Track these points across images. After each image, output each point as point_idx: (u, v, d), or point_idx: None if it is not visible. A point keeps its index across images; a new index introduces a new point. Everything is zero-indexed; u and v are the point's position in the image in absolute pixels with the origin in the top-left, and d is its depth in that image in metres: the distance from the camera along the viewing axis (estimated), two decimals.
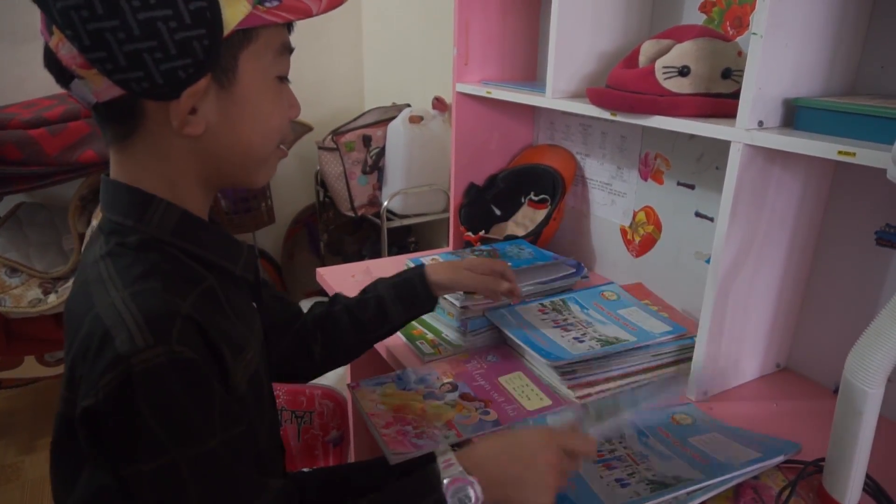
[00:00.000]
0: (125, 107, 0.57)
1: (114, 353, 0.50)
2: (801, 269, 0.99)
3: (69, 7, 0.51)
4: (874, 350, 0.65)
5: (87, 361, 0.52)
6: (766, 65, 0.78)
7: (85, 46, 0.52)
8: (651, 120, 0.95)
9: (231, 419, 0.56)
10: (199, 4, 0.53)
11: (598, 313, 1.13)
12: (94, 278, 0.58)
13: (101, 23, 0.51)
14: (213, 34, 0.55)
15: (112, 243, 0.59)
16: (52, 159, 1.66)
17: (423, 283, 0.96)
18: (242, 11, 0.56)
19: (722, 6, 1.06)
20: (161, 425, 0.51)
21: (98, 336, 0.52)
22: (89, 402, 0.51)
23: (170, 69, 0.54)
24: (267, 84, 0.63)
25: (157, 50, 0.53)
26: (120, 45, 0.52)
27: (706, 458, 0.78)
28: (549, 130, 1.51)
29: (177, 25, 0.53)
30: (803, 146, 0.75)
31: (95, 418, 0.52)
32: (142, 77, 0.54)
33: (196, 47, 0.54)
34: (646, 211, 1.28)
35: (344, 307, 0.95)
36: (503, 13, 1.40)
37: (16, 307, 1.73)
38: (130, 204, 0.60)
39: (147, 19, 0.52)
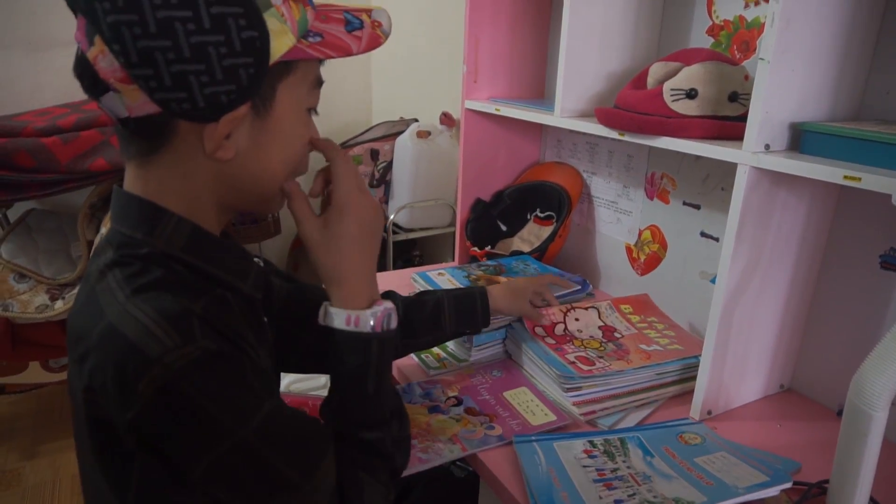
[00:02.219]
0: (157, 124, 0.57)
1: (143, 358, 0.51)
2: (805, 290, 0.99)
3: (122, 22, 0.51)
4: (878, 373, 0.65)
5: (111, 370, 0.52)
6: (773, 89, 0.79)
7: (132, 63, 0.52)
8: (658, 141, 0.96)
9: (270, 384, 0.59)
10: (251, 34, 0.54)
11: (666, 463, 0.83)
12: (102, 288, 0.58)
13: (153, 41, 0.51)
14: (259, 63, 0.56)
15: (120, 254, 0.60)
16: (64, 167, 1.67)
17: (484, 302, 0.99)
18: (287, 44, 0.58)
19: (729, 30, 1.08)
20: (211, 414, 0.52)
21: (118, 343, 0.52)
22: (132, 411, 0.52)
23: (213, 93, 0.54)
24: (298, 115, 0.65)
25: (203, 73, 0.53)
26: (168, 65, 0.52)
27: (711, 480, 0.78)
28: (556, 148, 1.52)
29: (227, 51, 0.53)
30: (809, 170, 0.76)
31: (143, 425, 0.52)
32: (184, 98, 0.54)
33: (242, 75, 0.55)
34: (651, 230, 1.29)
35: (401, 305, 0.95)
36: (512, 31, 1.42)
37: (23, 313, 1.74)
38: (141, 217, 0.60)
39: (199, 43, 0.52)
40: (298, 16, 0.59)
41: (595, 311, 1.15)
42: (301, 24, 0.59)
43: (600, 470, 0.82)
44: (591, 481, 0.79)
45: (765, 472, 0.78)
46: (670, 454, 0.85)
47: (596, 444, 0.87)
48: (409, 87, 2.46)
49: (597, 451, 0.86)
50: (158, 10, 0.51)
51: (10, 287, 1.78)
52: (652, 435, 0.90)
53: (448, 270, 1.36)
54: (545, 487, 0.78)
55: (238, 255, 0.67)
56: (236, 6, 0.53)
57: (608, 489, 0.78)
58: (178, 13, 0.51)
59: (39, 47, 2.03)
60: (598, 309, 1.15)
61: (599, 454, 0.85)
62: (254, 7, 0.54)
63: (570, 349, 1.04)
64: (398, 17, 0.74)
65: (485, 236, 1.50)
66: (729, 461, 0.82)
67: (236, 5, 0.53)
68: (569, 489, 0.77)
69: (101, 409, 0.54)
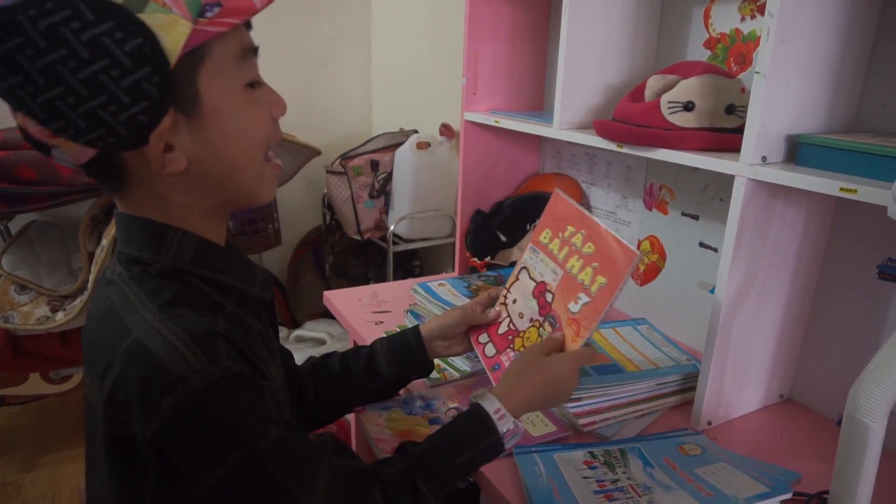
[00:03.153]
0: (106, 162, 0.57)
1: (169, 376, 0.52)
2: (804, 300, 1.00)
3: (13, 86, 0.50)
4: (877, 384, 0.66)
5: (135, 386, 0.53)
6: (769, 102, 0.80)
7: (42, 119, 0.51)
8: (656, 152, 0.97)
9: (283, 405, 0.61)
10: (135, 42, 0.50)
11: (666, 474, 0.84)
12: (123, 304, 0.59)
13: (48, 93, 0.49)
14: (160, 69, 0.52)
15: (135, 270, 0.61)
16: (66, 179, 1.68)
17: (416, 335, 0.94)
18: (184, 32, 0.52)
19: (726, 43, 1.09)
20: (228, 430, 0.55)
21: (145, 360, 0.53)
22: (154, 427, 0.53)
23: (129, 118, 0.52)
24: (236, 97, 0.60)
25: (109, 103, 0.51)
26: (73, 109, 0.50)
27: (711, 491, 0.79)
28: (556, 159, 1.53)
29: (119, 73, 0.50)
30: (805, 182, 0.77)
31: (161, 441, 0.54)
32: (105, 133, 0.52)
33: (148, 88, 0.52)
34: (650, 240, 1.30)
35: (339, 356, 0.95)
36: (512, 44, 1.43)
37: (23, 324, 1.74)
38: (146, 237, 0.60)
39: (88, 76, 0.49)
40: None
41: (525, 272, 0.94)
42: (190, 3, 0.53)
43: (601, 481, 0.82)
44: (592, 492, 0.79)
45: (765, 483, 0.78)
46: (670, 465, 0.85)
47: (596, 455, 0.88)
48: (409, 98, 2.48)
49: (597, 462, 0.86)
50: (36, 61, 0.48)
51: (11, 299, 1.78)
52: (652, 446, 0.90)
53: (448, 281, 1.36)
54: (546, 499, 0.78)
55: (243, 261, 0.69)
56: (105, 22, 0.49)
57: (609, 501, 0.78)
58: (54, 56, 0.48)
59: None
60: (527, 266, 0.94)
61: (600, 465, 0.85)
62: (125, 13, 0.49)
63: (511, 354, 0.90)
64: (399, 30, 0.74)
65: (484, 247, 1.51)
66: (729, 472, 0.82)
67: (105, 21, 0.49)
68: (569, 500, 0.78)
69: (122, 424, 0.55)
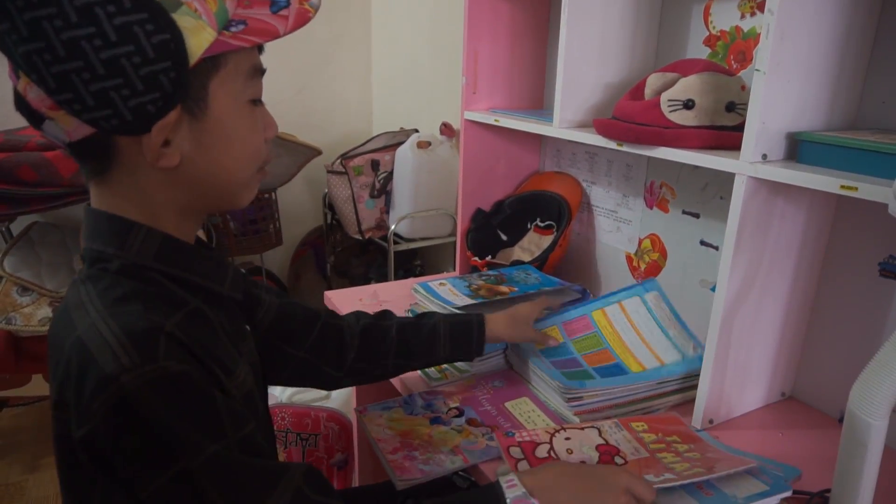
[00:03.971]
0: (98, 144, 0.57)
1: (101, 375, 0.51)
2: (805, 298, 1.00)
3: (31, 52, 0.50)
4: (878, 382, 0.65)
5: (73, 385, 0.53)
6: (769, 100, 0.80)
7: (51, 89, 0.52)
8: (656, 151, 0.97)
9: (241, 418, 0.57)
10: (162, 37, 0.52)
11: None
12: (75, 302, 0.58)
13: (65, 64, 0.51)
14: (179, 66, 0.54)
15: (93, 269, 0.60)
16: (67, 181, 1.69)
17: (480, 332, 0.97)
18: (207, 39, 0.55)
19: (726, 40, 1.09)
20: (164, 437, 0.51)
21: (82, 358, 0.52)
22: (85, 428, 0.51)
23: (138, 105, 0.53)
24: (240, 109, 0.62)
25: (123, 87, 0.52)
26: (86, 85, 0.52)
27: (710, 490, 0.79)
28: (556, 158, 1.53)
29: (141, 60, 0.52)
30: (806, 180, 0.77)
31: (95, 443, 0.52)
32: (110, 115, 0.53)
33: (163, 80, 0.54)
34: (651, 238, 1.30)
35: (397, 325, 0.95)
36: (511, 43, 1.43)
37: (26, 325, 1.75)
38: (111, 232, 0.60)
39: (110, 57, 0.51)
40: (215, 7, 0.56)
41: (595, 430, 0.90)
42: (219, 15, 0.56)
43: None
44: None
45: (765, 481, 0.78)
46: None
47: None
48: (409, 97, 2.48)
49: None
50: (62, 33, 0.50)
51: (13, 300, 1.79)
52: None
53: (449, 280, 1.36)
54: None
55: (214, 260, 0.67)
56: (140, 12, 0.51)
57: None
58: (82, 31, 0.50)
59: None
60: (600, 428, 0.91)
61: None
62: (159, 9, 0.52)
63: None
64: (398, 29, 0.74)
65: (485, 246, 1.51)
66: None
67: (140, 11, 0.51)
68: None
69: (66, 424, 0.54)
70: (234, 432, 0.56)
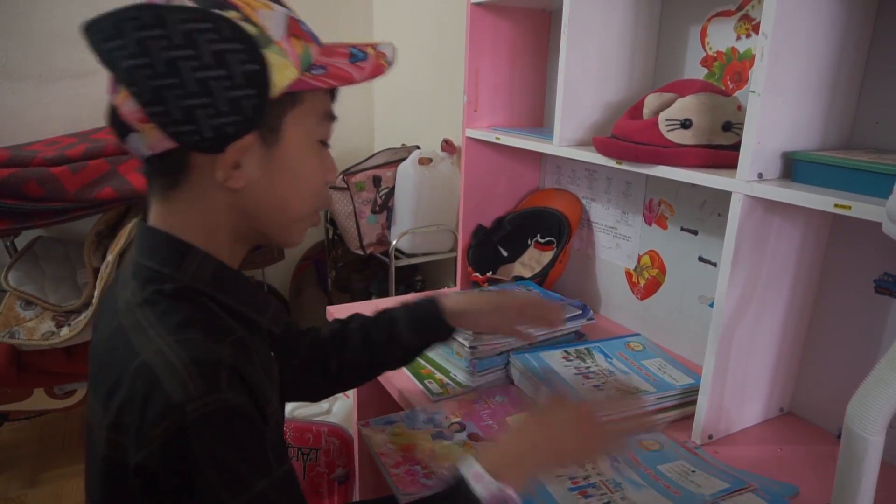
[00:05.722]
0: (175, 159, 0.61)
1: (167, 402, 0.52)
2: (802, 315, 1.01)
3: (135, 66, 0.56)
4: (874, 398, 0.66)
5: (136, 409, 0.53)
6: (765, 120, 0.82)
7: (146, 101, 0.57)
8: (655, 169, 0.98)
9: (282, 455, 0.59)
10: (252, 67, 0.58)
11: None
12: (132, 325, 0.59)
13: (162, 80, 0.56)
14: (261, 94, 0.59)
15: (148, 291, 0.61)
16: (72, 196, 1.70)
17: (436, 307, 0.94)
18: (290, 76, 0.61)
19: (722, 61, 1.11)
20: (218, 472, 0.53)
21: (148, 383, 0.54)
22: (143, 453, 0.52)
23: (219, 125, 0.58)
24: (309, 147, 0.67)
25: (209, 106, 0.57)
26: (177, 101, 0.56)
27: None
28: (556, 175, 1.55)
29: (229, 85, 0.57)
30: (801, 199, 0.78)
31: (148, 468, 0.53)
32: (193, 130, 0.58)
33: (245, 105, 0.58)
34: (650, 255, 1.31)
35: (359, 324, 0.95)
36: (512, 62, 1.45)
37: (29, 340, 1.75)
38: (170, 253, 0.63)
39: (203, 78, 0.56)
40: (301, 51, 0.62)
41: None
42: (304, 58, 0.62)
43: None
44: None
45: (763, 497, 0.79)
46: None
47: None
48: (410, 114, 2.50)
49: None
50: (165, 52, 0.55)
51: (16, 314, 1.80)
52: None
53: None
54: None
55: (258, 291, 0.69)
56: (235, 42, 0.57)
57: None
58: (182, 52, 0.55)
59: (49, 79, 2.08)
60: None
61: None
62: (252, 43, 0.58)
63: None
64: (400, 47, 0.77)
65: (486, 262, 1.52)
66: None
67: (235, 42, 0.57)
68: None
69: (121, 449, 0.55)
70: (278, 468, 0.57)
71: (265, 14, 0.60)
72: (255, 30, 0.58)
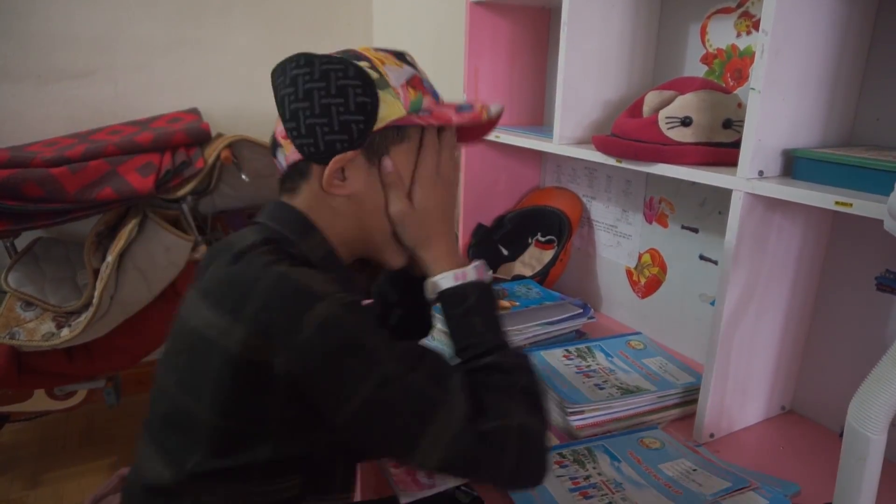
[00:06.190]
0: (299, 169, 0.75)
1: (312, 295, 0.61)
2: (803, 312, 1.01)
3: (286, 94, 0.72)
4: (876, 396, 0.66)
5: (279, 307, 0.61)
6: (765, 118, 0.81)
7: (286, 120, 0.72)
8: (655, 167, 0.98)
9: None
10: (364, 100, 0.70)
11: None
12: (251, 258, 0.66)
13: (299, 104, 0.71)
14: (367, 122, 0.71)
15: (269, 247, 0.69)
16: (72, 197, 1.70)
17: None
18: (397, 113, 0.73)
19: (723, 58, 1.10)
20: (367, 345, 0.61)
21: (290, 286, 0.62)
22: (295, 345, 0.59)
23: (331, 140, 0.71)
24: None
25: (326, 125, 0.70)
26: (304, 120, 0.71)
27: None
28: (556, 173, 1.54)
29: (343, 110, 0.70)
30: (802, 196, 0.78)
31: (301, 361, 0.60)
32: (311, 143, 0.71)
33: (353, 128, 0.71)
34: (651, 253, 1.31)
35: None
36: (511, 60, 1.45)
37: (29, 340, 1.75)
38: (297, 222, 0.74)
39: (326, 104, 0.70)
40: (414, 97, 0.74)
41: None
42: (415, 103, 0.74)
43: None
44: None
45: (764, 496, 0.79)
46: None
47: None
48: None
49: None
50: (306, 84, 0.70)
51: (16, 315, 1.79)
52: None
53: None
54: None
55: (355, 284, 0.81)
56: (357, 80, 0.70)
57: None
58: (316, 84, 0.70)
59: (48, 80, 2.07)
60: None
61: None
62: (370, 82, 0.71)
63: None
64: (399, 46, 0.81)
65: (487, 260, 1.52)
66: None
67: (357, 79, 0.70)
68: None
69: (259, 352, 0.60)
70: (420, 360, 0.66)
71: (391, 68, 0.73)
72: (377, 75, 0.71)
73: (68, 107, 2.11)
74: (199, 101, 2.26)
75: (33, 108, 2.09)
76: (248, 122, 2.37)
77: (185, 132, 1.87)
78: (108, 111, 2.12)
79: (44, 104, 2.09)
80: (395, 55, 0.76)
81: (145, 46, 2.16)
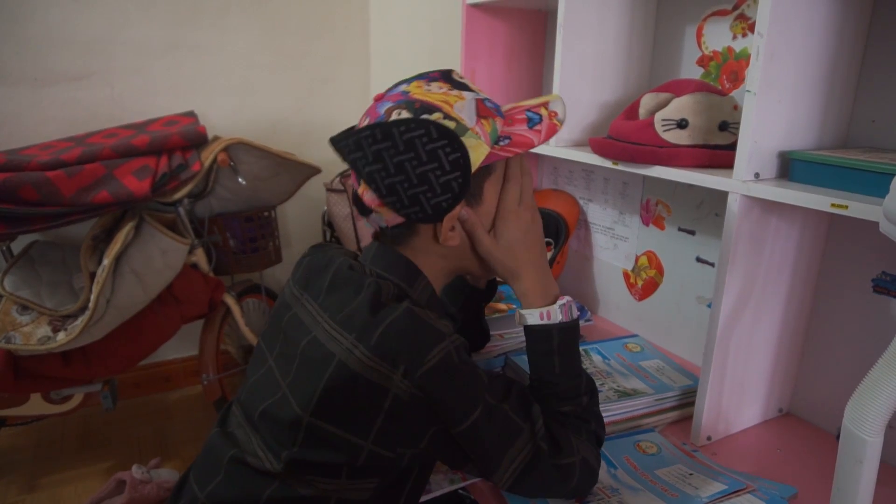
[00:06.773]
0: (406, 226, 0.79)
1: (438, 334, 0.68)
2: (800, 314, 1.01)
3: (373, 171, 0.73)
4: (872, 398, 0.66)
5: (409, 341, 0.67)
6: (761, 120, 0.81)
7: (382, 194, 0.74)
8: (651, 169, 0.98)
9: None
10: (456, 155, 0.72)
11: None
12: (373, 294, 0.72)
13: (393, 178, 0.72)
14: (465, 175, 0.74)
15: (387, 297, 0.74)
16: (68, 200, 1.69)
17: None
18: (484, 152, 0.75)
19: (719, 61, 1.10)
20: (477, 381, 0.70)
21: (416, 324, 0.68)
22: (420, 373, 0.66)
23: (436, 203, 0.74)
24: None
25: (428, 191, 0.73)
26: (405, 192, 0.73)
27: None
28: (553, 175, 1.54)
29: (441, 173, 0.72)
30: (797, 198, 0.78)
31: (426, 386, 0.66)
32: (418, 210, 0.74)
33: (454, 185, 0.73)
34: (648, 255, 1.31)
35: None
36: (508, 62, 1.45)
37: (25, 344, 1.74)
38: (406, 271, 0.79)
39: (422, 172, 0.72)
40: (489, 129, 0.76)
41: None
42: (492, 134, 0.77)
43: None
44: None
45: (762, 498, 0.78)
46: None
47: None
48: None
49: None
50: (394, 157, 0.72)
51: (12, 319, 1.79)
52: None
53: None
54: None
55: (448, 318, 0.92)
56: (442, 140, 0.72)
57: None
58: (405, 156, 0.71)
59: (45, 83, 2.07)
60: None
61: None
62: (455, 136, 0.72)
63: None
64: (396, 48, 0.82)
65: None
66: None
67: (442, 139, 0.72)
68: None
69: (380, 375, 0.66)
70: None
71: (460, 106, 0.74)
72: (454, 123, 0.73)
73: (65, 110, 2.10)
74: (196, 104, 2.26)
75: (30, 111, 2.08)
76: (245, 125, 2.37)
77: (182, 135, 1.87)
78: (105, 114, 2.12)
79: (40, 107, 2.09)
80: (449, 83, 0.78)
81: (142, 49, 2.16)
